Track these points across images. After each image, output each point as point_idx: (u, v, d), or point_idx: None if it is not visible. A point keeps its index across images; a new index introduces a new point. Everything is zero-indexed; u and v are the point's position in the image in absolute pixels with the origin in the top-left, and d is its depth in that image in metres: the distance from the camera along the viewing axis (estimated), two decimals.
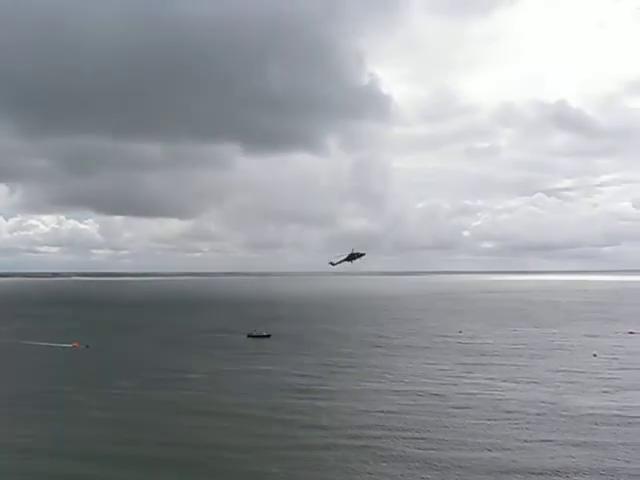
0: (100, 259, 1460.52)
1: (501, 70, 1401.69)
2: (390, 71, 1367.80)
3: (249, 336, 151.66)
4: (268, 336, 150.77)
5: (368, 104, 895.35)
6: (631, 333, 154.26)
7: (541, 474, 51.98)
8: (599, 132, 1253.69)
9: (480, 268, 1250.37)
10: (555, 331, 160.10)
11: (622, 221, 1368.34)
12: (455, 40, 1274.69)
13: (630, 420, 68.92)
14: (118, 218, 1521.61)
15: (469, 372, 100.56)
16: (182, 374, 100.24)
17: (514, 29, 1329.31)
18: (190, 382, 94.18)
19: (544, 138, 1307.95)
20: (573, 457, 56.27)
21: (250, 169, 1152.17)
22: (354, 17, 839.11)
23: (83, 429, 66.71)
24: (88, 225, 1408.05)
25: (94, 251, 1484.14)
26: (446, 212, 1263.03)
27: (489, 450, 58.52)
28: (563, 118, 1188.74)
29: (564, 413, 72.27)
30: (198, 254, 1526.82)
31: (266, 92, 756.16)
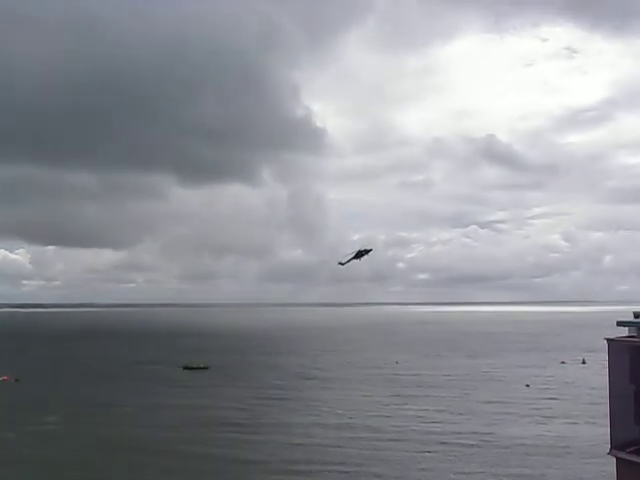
0: (31, 290, 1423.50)
1: (434, 104, 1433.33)
2: (326, 104, 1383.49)
3: (185, 368, 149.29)
4: (205, 368, 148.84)
5: (303, 136, 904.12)
6: (563, 363, 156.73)
7: None
8: (528, 166, 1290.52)
9: (415, 299, 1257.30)
10: (489, 361, 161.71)
11: (552, 253, 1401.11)
12: (390, 74, 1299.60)
13: (562, 450, 69.55)
14: (51, 248, 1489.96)
15: (404, 403, 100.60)
16: (115, 408, 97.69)
17: (447, 65, 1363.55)
18: (123, 416, 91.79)
19: (476, 172, 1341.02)
20: None
21: (185, 200, 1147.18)
22: (290, 50, 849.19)
23: (7, 469, 64.05)
24: (19, 255, 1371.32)
25: (25, 282, 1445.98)
26: (381, 244, 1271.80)
27: None
28: (493, 152, 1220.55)
29: (497, 444, 72.60)
30: (132, 285, 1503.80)
31: (201, 123, 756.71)
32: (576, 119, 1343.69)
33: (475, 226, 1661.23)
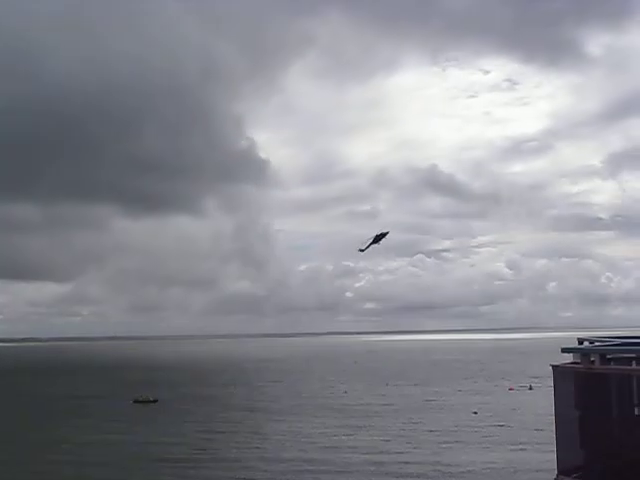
0: None
1: (379, 135, 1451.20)
2: (270, 135, 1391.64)
3: (135, 402, 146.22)
4: (154, 401, 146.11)
5: (247, 168, 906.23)
6: (510, 390, 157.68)
7: None
8: (472, 196, 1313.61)
9: (363, 329, 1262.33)
10: (436, 390, 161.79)
11: (497, 281, 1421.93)
12: (334, 106, 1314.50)
13: (511, 477, 69.40)
14: None
15: (352, 434, 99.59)
16: (59, 446, 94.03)
17: (391, 97, 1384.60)
18: (68, 454, 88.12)
19: (420, 201, 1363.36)
20: None
21: (129, 231, 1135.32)
22: (232, 82, 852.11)
23: None
24: None
25: None
26: (329, 274, 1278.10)
27: None
28: (437, 182, 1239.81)
29: (445, 472, 72.13)
30: (77, 318, 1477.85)
31: (143, 154, 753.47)
32: (518, 149, 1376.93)
33: (421, 255, 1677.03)
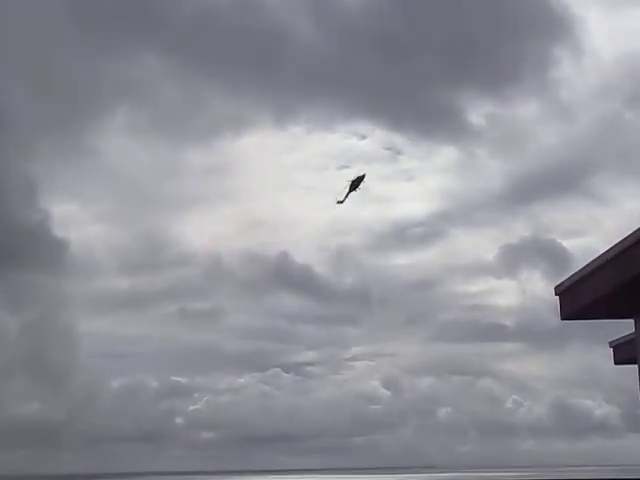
0: None
1: (222, 211, 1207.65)
2: (76, 207, 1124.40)
3: None
4: None
5: (38, 249, 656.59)
6: None
7: None
8: (337, 294, 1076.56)
9: (198, 466, 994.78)
10: None
11: (375, 405, 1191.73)
12: (167, 172, 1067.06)
13: None
14: None
15: None
16: None
17: (240, 163, 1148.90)
18: None
19: (275, 300, 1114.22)
20: None
21: None
22: (24, 138, 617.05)
23: None
24: None
25: None
26: (153, 392, 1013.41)
27: None
28: (288, 276, 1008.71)
29: None
30: None
31: None
32: (401, 236, 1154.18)
33: (277, 369, 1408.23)
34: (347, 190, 52.82)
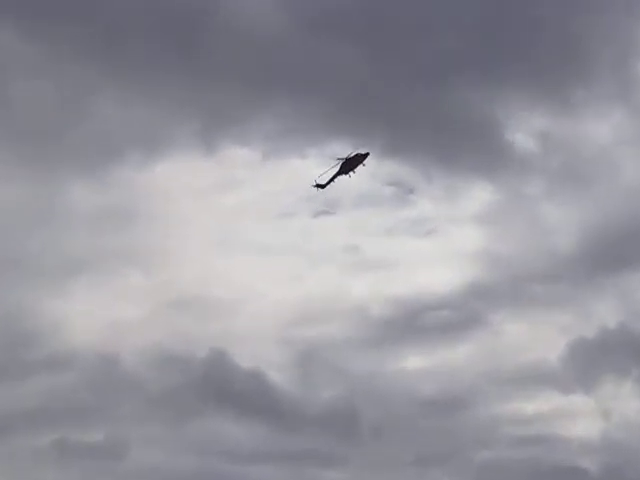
0: None
1: (119, 285, 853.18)
2: None
3: None
4: None
5: None
6: None
7: None
8: (306, 418, 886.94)
9: None
10: None
11: None
12: (35, 222, 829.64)
13: None
14: None
15: None
16: None
17: (148, 207, 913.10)
18: None
19: (207, 428, 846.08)
20: None
21: None
22: None
23: None
24: None
25: None
26: None
27: None
28: (230, 388, 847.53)
29: None
30: None
31: None
32: (412, 325, 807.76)
33: None
34: (335, 171, 38.82)
